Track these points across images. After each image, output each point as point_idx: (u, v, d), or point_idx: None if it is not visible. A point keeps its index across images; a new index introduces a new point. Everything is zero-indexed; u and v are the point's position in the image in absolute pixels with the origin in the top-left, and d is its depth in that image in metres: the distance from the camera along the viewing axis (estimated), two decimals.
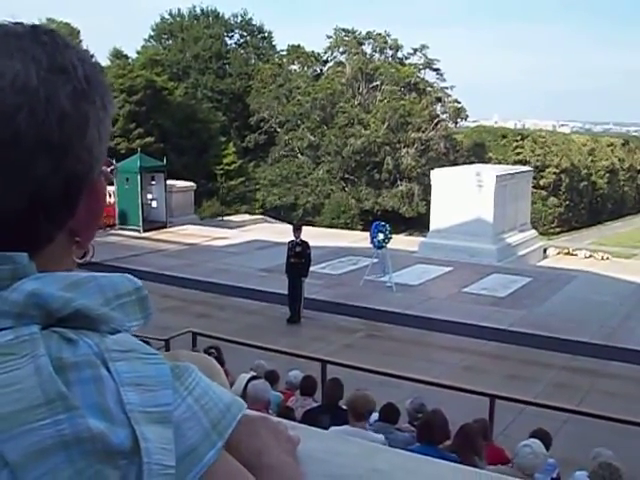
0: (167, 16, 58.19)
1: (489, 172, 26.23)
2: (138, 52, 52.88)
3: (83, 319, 0.80)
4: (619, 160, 70.70)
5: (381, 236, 18.63)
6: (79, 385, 0.75)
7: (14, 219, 0.82)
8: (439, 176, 26.58)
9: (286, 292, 16.21)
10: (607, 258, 27.59)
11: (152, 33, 58.25)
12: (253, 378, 8.77)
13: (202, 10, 58.04)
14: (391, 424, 8.00)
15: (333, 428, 6.94)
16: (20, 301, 0.78)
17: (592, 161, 66.52)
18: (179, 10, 58.10)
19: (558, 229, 59.65)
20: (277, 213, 46.29)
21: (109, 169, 0.96)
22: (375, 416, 7.93)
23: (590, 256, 27.88)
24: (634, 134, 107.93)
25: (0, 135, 0.80)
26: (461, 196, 24.68)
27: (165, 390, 0.80)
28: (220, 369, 1.27)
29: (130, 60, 49.19)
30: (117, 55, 48.42)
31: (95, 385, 0.76)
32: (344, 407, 7.70)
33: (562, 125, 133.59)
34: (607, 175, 67.85)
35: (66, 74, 0.84)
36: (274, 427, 1.04)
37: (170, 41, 57.61)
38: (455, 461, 6.89)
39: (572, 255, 28.49)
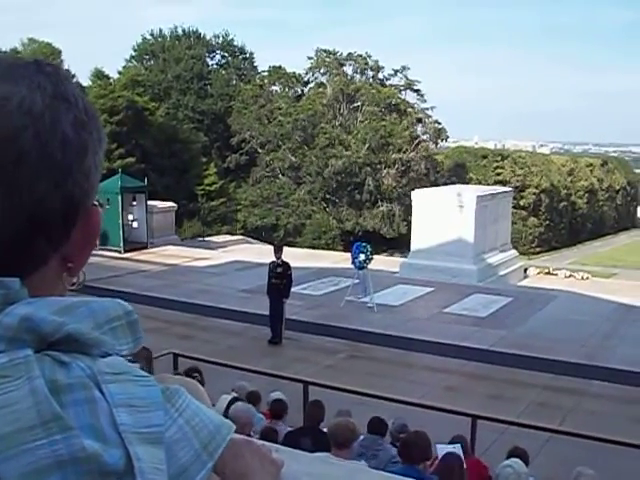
0: (149, 36, 58.29)
1: (470, 193, 26.41)
2: (119, 72, 52.77)
3: (75, 343, 0.82)
4: (598, 180, 71.29)
5: (362, 257, 18.64)
6: (73, 406, 0.76)
7: (13, 238, 0.84)
8: (420, 197, 26.72)
9: (267, 313, 16.17)
10: (587, 278, 27.84)
11: (133, 53, 58.27)
12: (234, 399, 8.74)
13: (184, 31, 58.19)
14: (380, 436, 8.11)
15: (316, 455, 6.90)
16: (13, 325, 0.79)
17: (571, 181, 67.03)
18: (161, 30, 58.25)
19: (538, 249, 59.95)
20: (258, 234, 46.24)
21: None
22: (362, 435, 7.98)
23: (570, 276, 28.11)
24: (612, 154, 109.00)
25: (6, 154, 0.83)
26: (442, 217, 24.81)
27: (157, 411, 0.82)
28: (204, 393, 1.28)
29: (111, 80, 49.05)
30: (98, 75, 48.28)
31: (89, 406, 0.77)
32: (325, 430, 7.67)
33: (542, 146, 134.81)
34: (586, 195, 68.35)
35: (68, 103, 0.89)
36: (258, 450, 1.05)
37: (151, 61, 57.61)
38: None
39: (552, 275, 28.71)
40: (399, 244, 46.13)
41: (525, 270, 29.18)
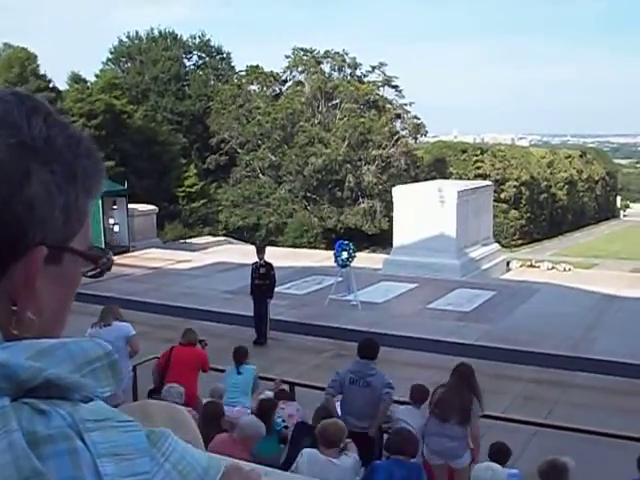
0: (125, 39, 57.98)
1: (450, 188, 26.44)
2: (97, 76, 52.44)
3: (54, 388, 0.79)
4: (577, 171, 71.67)
5: (345, 255, 18.61)
6: (54, 459, 0.73)
7: None
8: (401, 193, 26.73)
9: (251, 314, 16.13)
10: (569, 269, 27.95)
11: (110, 56, 57.97)
12: (209, 403, 8.81)
13: (160, 32, 57.90)
14: (371, 360, 8.66)
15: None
16: None
17: (551, 173, 67.33)
18: (137, 33, 57.91)
19: (520, 241, 60.21)
20: (240, 234, 46.17)
21: (98, 263, 0.96)
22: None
23: (552, 268, 28.21)
24: (591, 145, 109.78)
25: None
26: (423, 212, 24.82)
27: (142, 458, 0.79)
28: (192, 421, 1.25)
29: (89, 84, 48.85)
30: (75, 79, 48.05)
31: (70, 458, 0.74)
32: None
33: (520, 138, 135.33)
34: (566, 186, 68.70)
35: (15, 129, 0.84)
36: (248, 477, 1.03)
37: (129, 64, 57.31)
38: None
39: (535, 267, 28.81)
40: (381, 240, 46.17)
41: (508, 263, 29.26)
